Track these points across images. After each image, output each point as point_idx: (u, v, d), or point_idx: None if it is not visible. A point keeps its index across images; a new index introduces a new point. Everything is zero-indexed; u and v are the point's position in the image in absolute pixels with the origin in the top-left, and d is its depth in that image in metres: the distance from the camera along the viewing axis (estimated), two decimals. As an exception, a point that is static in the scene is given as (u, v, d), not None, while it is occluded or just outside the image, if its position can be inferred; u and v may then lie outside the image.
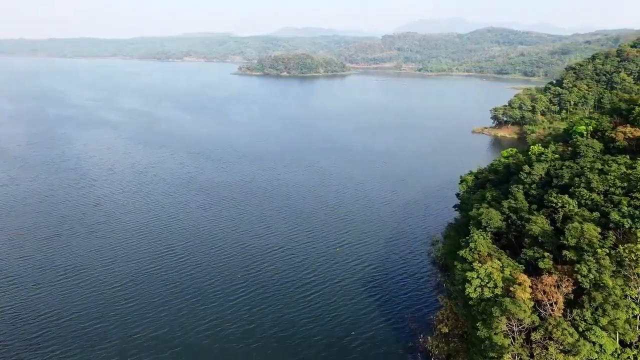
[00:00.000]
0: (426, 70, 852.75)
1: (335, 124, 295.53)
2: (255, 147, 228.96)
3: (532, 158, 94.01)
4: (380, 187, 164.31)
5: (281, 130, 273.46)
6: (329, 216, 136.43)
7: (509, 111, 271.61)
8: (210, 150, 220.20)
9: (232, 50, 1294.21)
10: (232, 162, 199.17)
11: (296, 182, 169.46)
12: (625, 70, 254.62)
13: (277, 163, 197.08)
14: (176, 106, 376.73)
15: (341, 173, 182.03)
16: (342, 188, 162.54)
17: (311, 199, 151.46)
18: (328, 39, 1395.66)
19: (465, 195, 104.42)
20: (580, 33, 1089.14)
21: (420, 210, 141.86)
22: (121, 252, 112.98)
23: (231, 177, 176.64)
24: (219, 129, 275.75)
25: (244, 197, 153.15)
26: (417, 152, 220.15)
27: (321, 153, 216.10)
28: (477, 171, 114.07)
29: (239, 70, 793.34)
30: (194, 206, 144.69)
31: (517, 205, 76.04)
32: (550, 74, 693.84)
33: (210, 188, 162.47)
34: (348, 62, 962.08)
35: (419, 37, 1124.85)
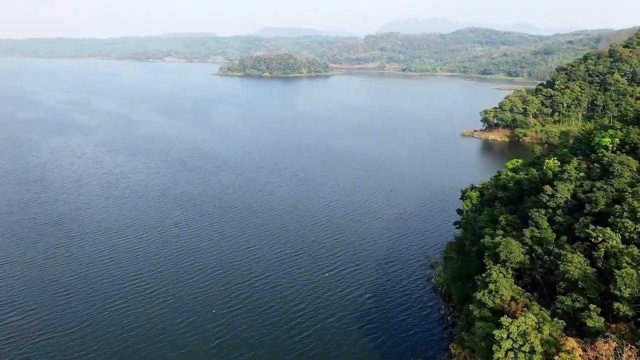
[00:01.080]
0: (410, 70, 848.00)
1: (320, 127, 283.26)
2: (236, 153, 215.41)
3: (547, 174, 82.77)
4: (372, 198, 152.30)
5: (263, 134, 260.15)
6: (317, 234, 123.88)
7: (500, 114, 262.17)
8: (188, 157, 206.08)
9: (213, 50, 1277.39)
10: (211, 170, 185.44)
11: (280, 194, 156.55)
12: (618, 71, 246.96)
13: (259, 171, 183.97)
14: (153, 109, 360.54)
15: (329, 182, 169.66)
16: (330, 200, 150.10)
17: (297, 213, 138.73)
18: (311, 39, 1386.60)
19: (471, 214, 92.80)
20: (561, 33, 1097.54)
21: (416, 225, 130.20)
22: (80, 284, 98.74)
23: (209, 188, 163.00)
24: (197, 134, 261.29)
25: (223, 212, 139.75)
26: (408, 158, 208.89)
27: (307, 159, 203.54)
28: (482, 186, 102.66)
29: (219, 71, 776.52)
30: (167, 224, 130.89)
31: (541, 235, 64.55)
32: (534, 74, 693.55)
33: (186, 202, 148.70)
34: (331, 62, 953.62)
35: (402, 37, 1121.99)
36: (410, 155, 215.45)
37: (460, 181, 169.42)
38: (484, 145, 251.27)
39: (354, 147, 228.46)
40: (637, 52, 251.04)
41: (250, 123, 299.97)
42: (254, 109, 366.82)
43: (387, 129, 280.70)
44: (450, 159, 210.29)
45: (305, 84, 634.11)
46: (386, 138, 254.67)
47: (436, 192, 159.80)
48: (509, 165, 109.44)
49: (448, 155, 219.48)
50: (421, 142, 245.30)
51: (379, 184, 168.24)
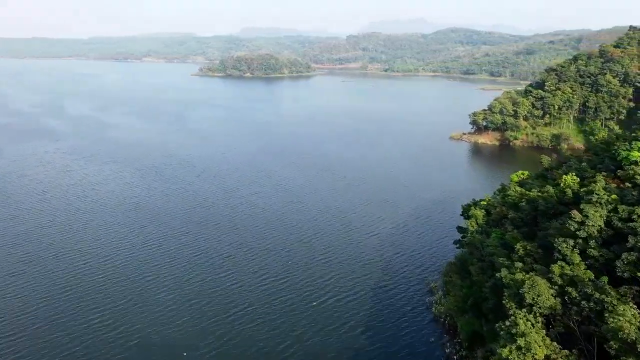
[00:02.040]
0: (392, 70, 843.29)
1: (304, 131, 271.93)
2: (216, 160, 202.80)
3: (566, 192, 72.87)
4: (363, 211, 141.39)
5: (244, 140, 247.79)
6: (303, 254, 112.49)
7: (490, 116, 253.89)
8: (164, 166, 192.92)
9: (193, 50, 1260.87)
10: (189, 180, 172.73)
11: (263, 207, 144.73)
12: (610, 72, 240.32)
13: (240, 181, 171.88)
14: (129, 111, 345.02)
15: (316, 193, 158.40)
16: (318, 213, 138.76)
17: (281, 230, 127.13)
18: (292, 39, 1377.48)
19: (477, 236, 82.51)
20: (541, 33, 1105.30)
21: (412, 242, 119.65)
22: (31, 322, 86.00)
23: (186, 201, 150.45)
24: (174, 139, 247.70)
25: (200, 229, 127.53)
26: (397, 164, 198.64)
27: (291, 167, 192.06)
28: (487, 202, 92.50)
29: (199, 71, 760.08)
30: (138, 244, 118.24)
31: (574, 273, 54.43)
32: (516, 74, 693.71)
33: (160, 217, 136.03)
34: (313, 62, 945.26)
35: (384, 37, 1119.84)
36: (399, 161, 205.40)
37: (454, 191, 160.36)
38: (474, 149, 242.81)
39: (340, 153, 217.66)
40: (628, 52, 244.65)
41: (230, 127, 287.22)
42: (235, 112, 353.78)
43: (373, 133, 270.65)
44: (441, 165, 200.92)
45: (287, 85, 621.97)
46: (373, 142, 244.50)
47: (430, 202, 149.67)
48: (514, 177, 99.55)
49: (438, 160, 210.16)
50: (409, 147, 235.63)
51: (370, 194, 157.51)
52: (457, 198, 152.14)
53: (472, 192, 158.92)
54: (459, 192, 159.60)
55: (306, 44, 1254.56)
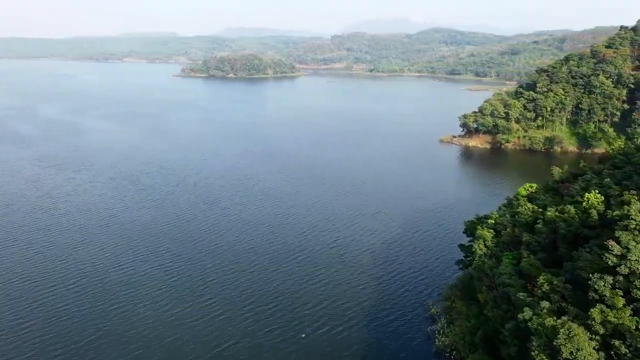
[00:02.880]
0: (378, 70, 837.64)
1: (289, 134, 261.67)
2: (196, 167, 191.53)
3: (591, 214, 64.08)
4: (354, 223, 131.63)
5: (227, 143, 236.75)
6: (292, 277, 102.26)
7: (481, 118, 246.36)
8: (141, 174, 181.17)
9: (175, 50, 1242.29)
10: (167, 190, 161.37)
11: (247, 219, 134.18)
12: (603, 73, 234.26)
13: (222, 190, 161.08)
14: (106, 114, 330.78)
15: (303, 203, 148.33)
16: (307, 228, 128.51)
17: (267, 246, 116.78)
18: (276, 39, 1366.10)
19: (487, 262, 73.36)
20: (524, 34, 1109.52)
21: (408, 260, 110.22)
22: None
23: (163, 214, 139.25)
24: (152, 144, 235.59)
25: (178, 247, 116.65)
26: (387, 170, 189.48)
27: (278, 173, 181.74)
28: (494, 221, 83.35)
29: (181, 72, 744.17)
30: (110, 266, 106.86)
31: (618, 321, 45.54)
32: (502, 75, 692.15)
33: (135, 234, 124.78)
34: (297, 62, 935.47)
35: (368, 37, 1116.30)
36: (390, 166, 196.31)
37: (450, 200, 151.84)
38: (465, 153, 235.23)
39: (328, 158, 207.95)
40: (621, 53, 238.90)
41: (212, 130, 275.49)
42: (217, 113, 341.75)
43: (361, 136, 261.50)
44: (433, 171, 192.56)
45: (272, 86, 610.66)
46: (361, 146, 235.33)
47: (425, 214, 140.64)
48: (521, 191, 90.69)
49: (430, 165, 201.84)
50: (398, 150, 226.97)
51: (361, 203, 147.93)
52: (453, 208, 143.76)
53: (468, 201, 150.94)
54: (455, 201, 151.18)
55: (290, 44, 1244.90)
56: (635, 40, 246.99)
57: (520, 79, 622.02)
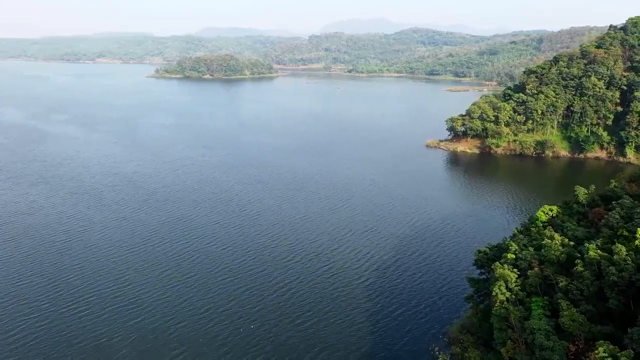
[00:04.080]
0: (357, 71, 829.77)
1: (268, 141, 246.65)
2: (168, 179, 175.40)
3: (629, 246, 51.50)
4: (344, 246, 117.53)
5: (202, 152, 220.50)
6: (273, 316, 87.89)
7: (469, 122, 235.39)
8: (106, 187, 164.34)
9: (150, 51, 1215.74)
10: (134, 207, 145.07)
11: (224, 244, 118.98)
12: (595, 74, 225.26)
13: (197, 207, 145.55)
14: (71, 119, 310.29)
15: (286, 221, 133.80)
16: (291, 253, 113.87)
17: (246, 278, 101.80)
18: (253, 39, 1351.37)
19: (514, 311, 60.16)
20: (500, 34, 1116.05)
21: (407, 291, 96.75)
22: None
23: (129, 235, 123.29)
24: (121, 153, 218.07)
25: (144, 278, 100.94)
26: (374, 180, 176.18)
27: (257, 186, 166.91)
28: (515, 253, 69.95)
29: (155, 73, 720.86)
30: (61, 305, 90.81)
31: None
32: (481, 75, 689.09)
33: (94, 262, 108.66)
34: (275, 63, 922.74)
35: (346, 38, 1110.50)
36: (375, 175, 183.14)
37: (444, 213, 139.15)
38: (453, 159, 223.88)
39: (310, 168, 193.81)
40: (612, 53, 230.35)
41: (186, 137, 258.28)
42: (192, 118, 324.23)
43: (344, 142, 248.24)
44: (422, 179, 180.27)
45: (249, 87, 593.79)
46: (345, 154, 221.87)
47: (420, 230, 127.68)
48: (541, 215, 77.99)
49: (418, 173, 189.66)
50: (384, 157, 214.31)
51: (349, 220, 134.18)
52: (451, 224, 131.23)
53: (465, 214, 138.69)
54: (451, 216, 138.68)
55: (268, 44, 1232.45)
56: (626, 40, 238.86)
57: (500, 79, 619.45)
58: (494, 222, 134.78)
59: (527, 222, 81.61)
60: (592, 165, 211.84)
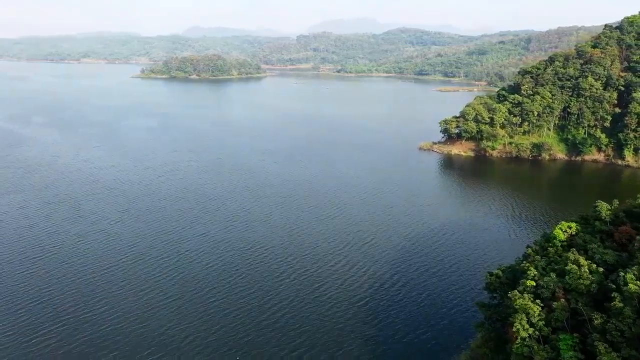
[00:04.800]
0: (345, 71, 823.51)
1: (256, 145, 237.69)
2: (150, 187, 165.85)
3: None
4: (339, 260, 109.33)
5: (187, 156, 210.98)
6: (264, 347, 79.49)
7: (463, 124, 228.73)
8: (83, 197, 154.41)
9: (136, 51, 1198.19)
10: (112, 218, 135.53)
11: (209, 260, 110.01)
12: (592, 75, 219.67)
13: (180, 217, 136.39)
14: (50, 121, 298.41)
15: (277, 233, 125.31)
16: (282, 271, 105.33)
17: (234, 300, 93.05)
18: (241, 39, 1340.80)
19: (539, 351, 52.51)
20: (488, 34, 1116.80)
21: (407, 312, 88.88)
22: None
23: (105, 252, 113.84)
24: (101, 158, 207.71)
25: (119, 301, 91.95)
26: (366, 185, 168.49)
27: (246, 194, 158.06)
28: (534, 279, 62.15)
29: (141, 73, 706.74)
30: (28, 333, 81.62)
31: None
32: (470, 75, 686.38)
33: (67, 282, 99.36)
34: (263, 63, 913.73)
35: (334, 38, 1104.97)
36: (368, 180, 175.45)
37: (443, 223, 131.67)
38: (448, 162, 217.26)
39: (300, 173, 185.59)
40: (609, 53, 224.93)
41: (170, 140, 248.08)
42: (177, 120, 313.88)
43: (334, 145, 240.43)
44: (418, 185, 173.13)
45: (236, 88, 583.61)
46: (336, 157, 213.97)
47: (418, 242, 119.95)
48: (559, 233, 70.47)
49: (412, 177, 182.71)
50: (377, 161, 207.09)
51: (343, 232, 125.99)
52: (451, 234, 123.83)
53: (466, 223, 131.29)
54: (450, 225, 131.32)
55: (255, 44, 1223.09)
56: (622, 39, 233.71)
57: (490, 79, 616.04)
58: (497, 231, 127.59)
59: (542, 239, 73.98)
60: (590, 168, 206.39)
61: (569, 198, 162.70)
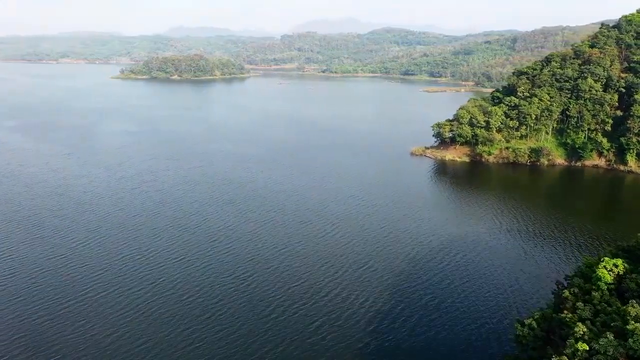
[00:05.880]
0: (330, 71, 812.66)
1: (239, 151, 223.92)
2: (123, 200, 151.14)
3: None
4: (336, 287, 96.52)
5: (163, 165, 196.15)
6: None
7: (458, 128, 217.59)
8: (48, 212, 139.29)
9: (117, 51, 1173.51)
10: (76, 239, 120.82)
11: (186, 292, 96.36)
12: (591, 76, 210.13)
13: (155, 236, 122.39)
14: (20, 126, 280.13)
15: (265, 255, 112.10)
16: (273, 302, 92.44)
17: (214, 344, 79.88)
18: (224, 39, 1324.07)
19: None
20: (473, 34, 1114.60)
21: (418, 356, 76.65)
22: None
23: (64, 284, 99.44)
24: (70, 167, 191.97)
25: (79, 350, 78.05)
26: (360, 197, 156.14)
27: (226, 207, 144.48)
28: (584, 338, 50.41)
29: (120, 74, 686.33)
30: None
31: None
32: (457, 75, 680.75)
33: (16, 323, 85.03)
34: (247, 63, 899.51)
35: (319, 37, 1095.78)
36: (362, 192, 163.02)
37: (447, 240, 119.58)
38: (442, 168, 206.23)
39: (287, 183, 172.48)
40: (609, 53, 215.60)
41: (148, 146, 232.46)
42: (155, 123, 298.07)
43: (322, 150, 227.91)
44: (414, 196, 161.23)
45: (219, 88, 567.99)
46: (324, 165, 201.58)
47: (423, 267, 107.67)
48: (604, 274, 58.46)
49: (407, 188, 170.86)
50: (368, 169, 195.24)
51: (338, 253, 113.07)
52: (456, 253, 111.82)
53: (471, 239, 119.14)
54: (454, 241, 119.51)
55: (239, 44, 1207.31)
56: (621, 39, 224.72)
57: (478, 80, 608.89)
58: (505, 250, 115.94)
59: (580, 279, 61.97)
60: (590, 174, 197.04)
61: (575, 207, 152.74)
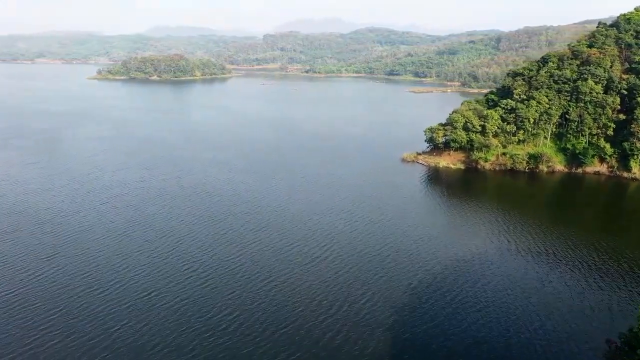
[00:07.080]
0: (314, 71, 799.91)
1: (220, 157, 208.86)
2: (90, 217, 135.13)
3: None
4: (333, 331, 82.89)
5: (138, 175, 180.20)
6: None
7: (452, 133, 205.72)
8: (4, 234, 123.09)
9: (95, 51, 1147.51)
10: (30, 268, 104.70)
11: (156, 334, 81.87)
12: (592, 77, 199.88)
13: (120, 264, 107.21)
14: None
15: (248, 290, 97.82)
16: (259, 344, 78.39)
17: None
18: (206, 38, 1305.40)
19: None
20: (456, 33, 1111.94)
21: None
22: None
23: (27, 312, 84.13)
24: (33, 179, 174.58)
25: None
26: (353, 212, 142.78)
27: (205, 226, 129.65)
28: None
29: (97, 74, 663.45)
30: None
31: None
32: (442, 75, 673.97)
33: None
34: (228, 63, 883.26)
35: (302, 37, 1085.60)
36: (354, 206, 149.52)
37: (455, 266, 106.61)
38: (436, 176, 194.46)
39: (272, 196, 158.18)
40: (609, 53, 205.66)
41: (120, 153, 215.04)
42: (130, 127, 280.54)
43: (308, 157, 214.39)
44: (410, 210, 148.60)
45: (200, 90, 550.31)
46: (312, 174, 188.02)
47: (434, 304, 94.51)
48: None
49: (402, 200, 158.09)
50: (357, 178, 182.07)
51: (333, 283, 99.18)
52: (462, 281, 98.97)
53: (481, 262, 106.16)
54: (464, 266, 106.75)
55: (220, 43, 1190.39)
56: (621, 38, 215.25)
57: (464, 80, 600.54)
58: (522, 277, 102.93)
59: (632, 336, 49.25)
60: (593, 182, 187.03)
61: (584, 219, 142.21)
